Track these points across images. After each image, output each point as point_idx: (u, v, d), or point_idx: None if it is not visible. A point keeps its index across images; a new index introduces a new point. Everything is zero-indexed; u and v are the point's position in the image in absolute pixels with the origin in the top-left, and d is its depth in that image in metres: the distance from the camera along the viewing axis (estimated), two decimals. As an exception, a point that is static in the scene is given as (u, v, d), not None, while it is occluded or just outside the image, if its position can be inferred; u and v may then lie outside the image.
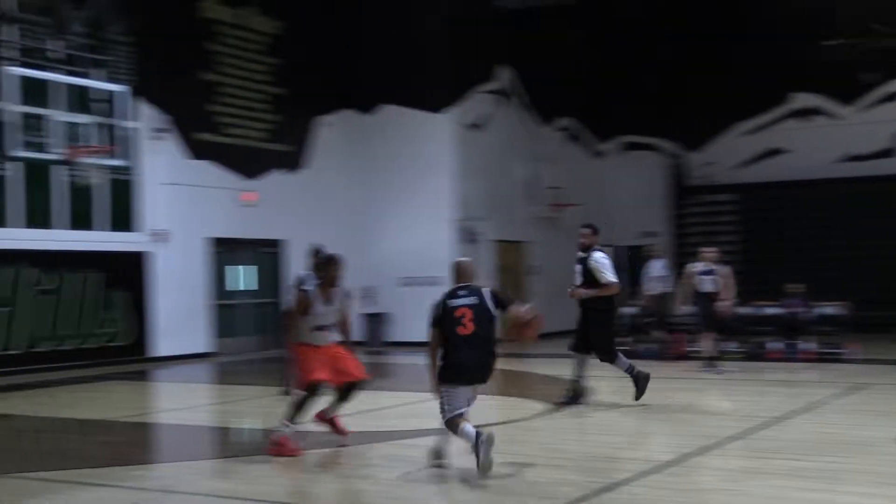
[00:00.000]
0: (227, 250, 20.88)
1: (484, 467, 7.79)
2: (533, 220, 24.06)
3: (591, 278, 11.68)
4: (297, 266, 18.23)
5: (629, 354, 17.60)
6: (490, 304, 8.37)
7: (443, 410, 8.20)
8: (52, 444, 10.92)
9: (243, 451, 10.24)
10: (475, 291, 8.42)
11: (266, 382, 13.80)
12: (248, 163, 21.36)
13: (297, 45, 22.40)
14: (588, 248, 11.80)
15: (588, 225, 12.06)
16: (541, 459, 8.66)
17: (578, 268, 11.85)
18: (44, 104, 16.36)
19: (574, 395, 11.90)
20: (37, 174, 17.41)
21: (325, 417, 9.73)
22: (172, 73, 19.65)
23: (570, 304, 12.73)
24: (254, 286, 21.43)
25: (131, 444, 10.58)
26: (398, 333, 21.53)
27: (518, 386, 15.12)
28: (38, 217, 17.63)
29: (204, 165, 20.42)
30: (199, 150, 20.35)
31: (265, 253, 21.44)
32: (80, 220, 18.27)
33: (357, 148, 23.14)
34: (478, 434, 7.83)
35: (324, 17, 22.73)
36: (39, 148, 15.64)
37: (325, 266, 9.46)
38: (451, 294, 8.45)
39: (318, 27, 22.74)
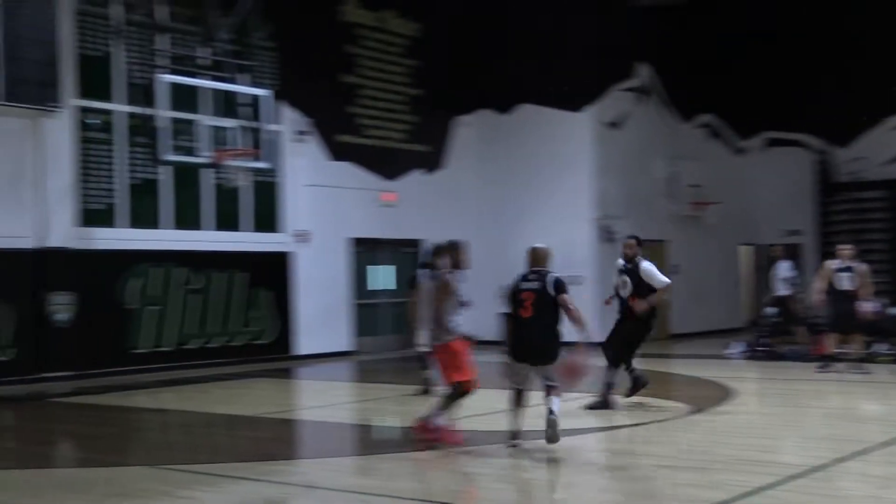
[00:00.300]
0: (366, 250, 21.20)
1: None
2: (672, 218, 23.66)
3: (641, 288, 11.65)
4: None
5: (772, 356, 17.19)
6: (552, 289, 8.94)
7: (506, 376, 9.08)
8: (202, 438, 11.28)
9: (383, 448, 10.38)
10: (542, 277, 9.08)
11: (405, 381, 13.94)
12: (387, 164, 21.63)
13: (435, 47, 22.57)
14: (632, 259, 11.84)
15: (633, 236, 12.16)
16: (683, 462, 8.52)
17: (625, 279, 11.82)
18: (192, 109, 16.90)
19: (635, 386, 11.79)
20: (186, 177, 18.04)
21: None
22: (314, 77, 20.06)
23: (711, 305, 12.49)
24: (392, 286, 21.69)
25: (276, 440, 10.84)
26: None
27: (658, 387, 14.89)
28: (188, 219, 18.25)
29: (344, 167, 20.78)
30: (340, 152, 20.72)
31: (404, 253, 21.67)
32: (227, 221, 18.83)
33: (495, 148, 23.17)
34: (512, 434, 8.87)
35: (462, 18, 22.83)
36: (188, 152, 16.14)
37: (449, 251, 9.57)
38: (523, 277, 9.17)
39: (456, 28, 22.85)
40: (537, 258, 9.35)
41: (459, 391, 9.35)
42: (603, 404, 11.44)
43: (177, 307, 17.85)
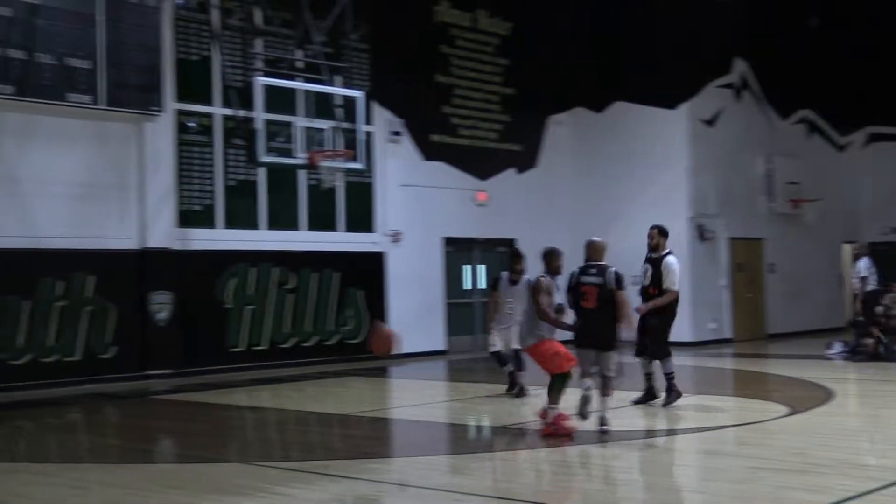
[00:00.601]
0: (459, 250, 21.24)
1: (580, 416, 9.54)
2: (770, 216, 23.22)
3: (658, 281, 11.75)
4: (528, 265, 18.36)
5: (874, 356, 16.77)
6: (612, 283, 9.58)
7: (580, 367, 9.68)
8: (297, 435, 11.42)
9: (476, 447, 10.38)
10: (602, 271, 9.69)
11: (497, 380, 13.93)
12: (480, 163, 21.64)
13: (527, 46, 22.52)
14: (657, 249, 11.96)
15: (656, 225, 12.21)
16: (785, 464, 8.34)
17: (647, 267, 11.95)
18: (288, 111, 17.14)
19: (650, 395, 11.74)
20: (281, 178, 18.30)
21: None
22: (407, 77, 20.18)
23: (811, 304, 12.25)
24: (484, 285, 21.68)
25: (369, 438, 10.93)
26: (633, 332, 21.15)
27: (756, 387, 14.65)
28: (283, 219, 18.52)
29: (437, 166, 20.85)
30: (433, 152, 20.80)
31: (498, 252, 21.65)
32: (321, 221, 19.05)
33: (588, 146, 23.02)
34: (586, 397, 9.55)
35: (554, 16, 22.74)
36: (284, 153, 16.38)
37: (547, 257, 10.17)
38: (583, 270, 9.79)
39: (549, 27, 22.77)
40: (595, 252, 9.92)
41: (561, 379, 9.87)
42: (650, 395, 11.62)
43: (272, 306, 18.11)
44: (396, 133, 19.98)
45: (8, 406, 13.64)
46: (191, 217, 17.27)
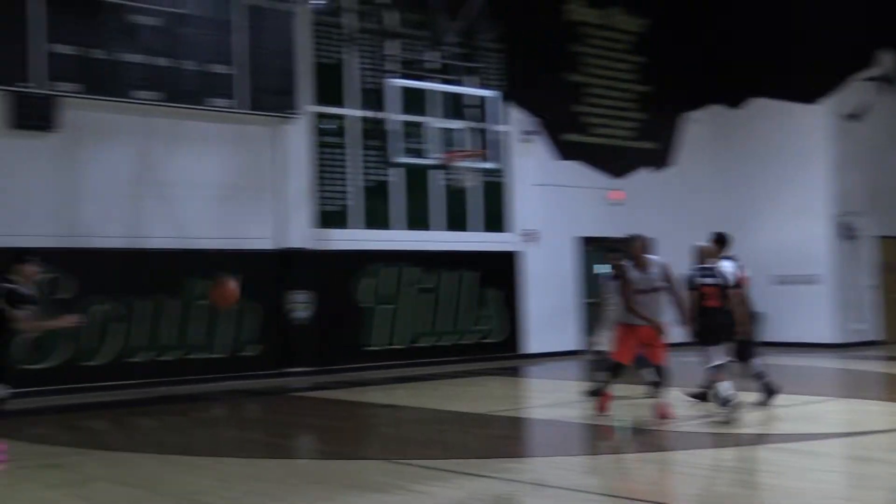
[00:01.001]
0: (595, 249, 21.04)
1: (726, 422, 10.01)
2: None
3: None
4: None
5: None
6: (729, 282, 10.52)
7: (706, 364, 10.47)
8: (434, 434, 11.48)
9: (612, 447, 10.27)
10: (716, 272, 10.59)
11: (632, 381, 13.72)
12: (614, 162, 21.45)
13: (661, 42, 22.20)
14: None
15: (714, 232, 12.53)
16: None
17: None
18: (422, 112, 17.28)
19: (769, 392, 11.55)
20: (416, 179, 18.46)
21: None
22: (540, 77, 20.12)
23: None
24: (620, 285, 21.41)
25: (506, 438, 10.92)
26: (773, 333, 20.66)
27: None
28: (418, 219, 18.67)
29: (571, 166, 20.73)
30: (567, 151, 20.69)
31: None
32: (456, 221, 19.14)
33: (725, 143, 22.56)
34: (728, 398, 10.10)
35: (689, 11, 22.35)
36: (418, 154, 16.53)
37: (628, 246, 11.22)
38: (701, 272, 10.62)
39: (684, 22, 22.39)
40: (707, 255, 10.84)
41: (614, 366, 10.88)
42: (768, 390, 11.46)
43: (408, 306, 18.28)
44: (530, 132, 19.93)
45: (157, 400, 14.13)
46: (328, 218, 17.57)
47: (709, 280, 10.51)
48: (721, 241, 11.98)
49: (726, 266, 11.54)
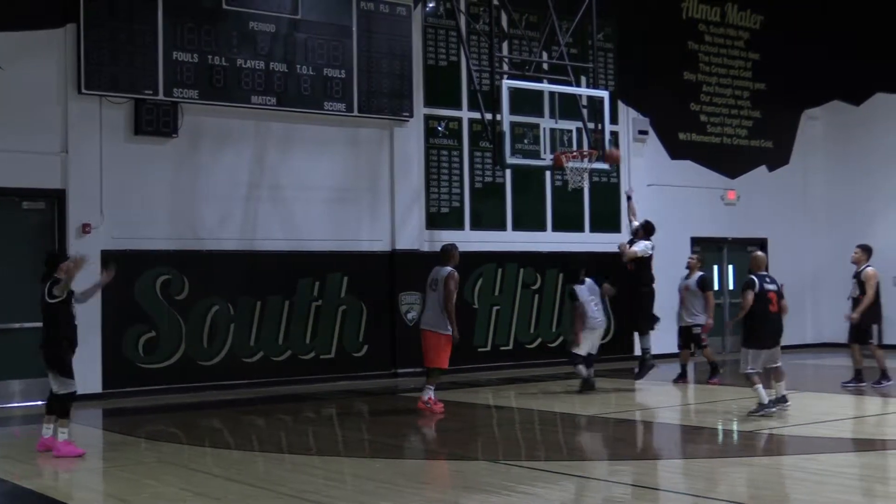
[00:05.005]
0: (710, 250, 20.74)
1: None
2: None
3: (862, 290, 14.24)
4: (780, 265, 17.79)
5: None
6: (782, 289, 11.52)
7: (745, 364, 11.37)
8: (542, 435, 11.51)
9: (721, 452, 10.14)
10: (774, 279, 11.56)
11: (738, 383, 13.49)
12: (729, 161, 21.13)
13: (778, 38, 21.76)
14: (859, 263, 14.47)
15: (860, 245, 14.70)
16: None
17: (854, 281, 14.45)
18: (533, 113, 17.25)
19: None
20: (527, 180, 18.46)
21: None
22: (653, 76, 19.94)
23: None
24: (733, 286, 21.08)
25: (615, 440, 10.88)
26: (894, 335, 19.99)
27: None
28: (529, 220, 18.67)
29: (685, 165, 20.49)
30: (680, 150, 20.46)
31: (750, 252, 20.96)
32: (568, 222, 19.08)
33: (845, 141, 21.99)
34: (768, 404, 11.16)
35: (807, 5, 21.83)
36: (530, 155, 16.52)
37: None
38: (762, 279, 11.42)
39: (801, 17, 21.88)
40: (762, 264, 11.73)
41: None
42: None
43: (518, 307, 18.29)
44: (643, 132, 19.76)
45: (270, 400, 14.44)
46: (438, 219, 17.71)
47: (772, 287, 11.41)
48: (868, 249, 14.31)
49: (870, 270, 13.85)
